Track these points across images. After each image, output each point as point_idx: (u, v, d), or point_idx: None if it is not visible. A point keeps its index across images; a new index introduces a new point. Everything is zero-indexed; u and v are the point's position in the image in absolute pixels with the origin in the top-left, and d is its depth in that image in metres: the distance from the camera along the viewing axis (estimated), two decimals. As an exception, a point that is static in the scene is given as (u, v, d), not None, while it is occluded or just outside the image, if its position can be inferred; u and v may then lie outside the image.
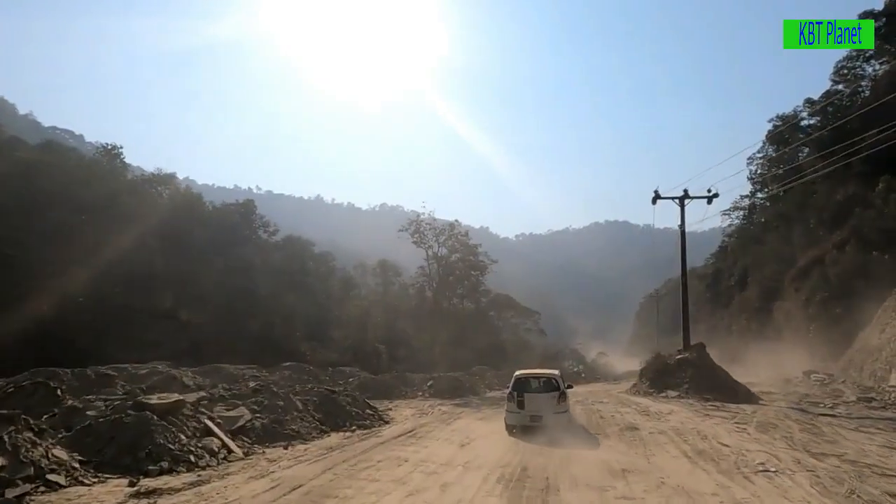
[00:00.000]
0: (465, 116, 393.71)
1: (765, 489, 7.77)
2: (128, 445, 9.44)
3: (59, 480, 7.99)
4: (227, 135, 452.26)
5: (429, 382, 29.32)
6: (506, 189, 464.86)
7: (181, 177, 63.87)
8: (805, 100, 51.37)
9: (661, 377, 22.40)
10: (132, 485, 8.30)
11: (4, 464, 7.62)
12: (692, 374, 20.67)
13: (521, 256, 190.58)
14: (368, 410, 16.87)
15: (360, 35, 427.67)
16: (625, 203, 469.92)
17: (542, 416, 13.26)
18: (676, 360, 22.77)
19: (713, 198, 28.82)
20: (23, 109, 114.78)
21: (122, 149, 39.87)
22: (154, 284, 30.16)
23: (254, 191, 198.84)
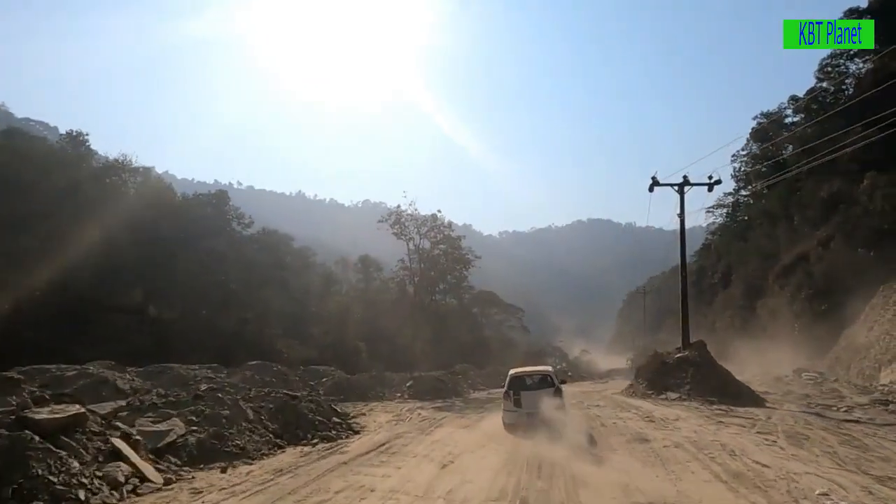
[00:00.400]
0: (450, 113, 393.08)
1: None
2: (-12, 480, 6.86)
3: None
4: (208, 131, 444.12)
5: (408, 383, 27.98)
6: (489, 186, 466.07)
7: (160, 171, 61.85)
8: (790, 97, 51.25)
9: (660, 378, 20.79)
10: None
11: None
12: (693, 375, 19.18)
13: (505, 254, 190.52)
14: (335, 418, 15.11)
15: (342, 30, 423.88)
16: (608, 201, 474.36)
17: (539, 413, 13.20)
18: (676, 360, 21.07)
19: (715, 184, 27.36)
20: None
21: (89, 136, 37.99)
22: (120, 277, 28.39)
23: (234, 186, 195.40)
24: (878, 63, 43.10)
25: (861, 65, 46.70)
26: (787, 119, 51.24)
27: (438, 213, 43.48)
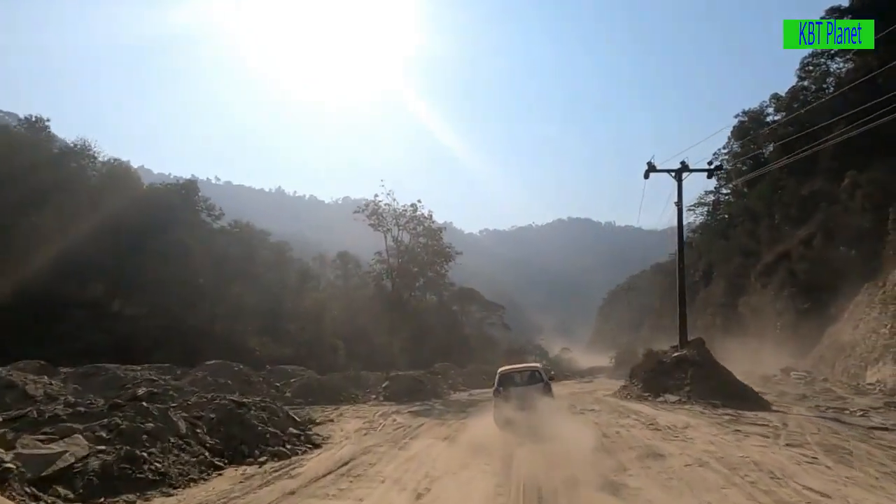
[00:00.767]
0: (431, 111, 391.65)
1: None
2: None
3: None
4: (185, 126, 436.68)
5: (384, 384, 26.26)
6: (470, 184, 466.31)
7: (136, 166, 59.51)
8: (771, 95, 51.42)
9: (657, 378, 19.28)
10: None
11: None
12: (693, 376, 17.73)
13: (485, 252, 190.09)
14: (293, 429, 12.98)
15: (327, 27, 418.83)
16: (588, 200, 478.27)
17: (531, 409, 13.23)
18: (674, 359, 19.50)
19: (716, 171, 26.28)
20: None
21: (49, 122, 35.91)
22: (80, 269, 26.49)
23: (212, 181, 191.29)
24: (859, 62, 43.37)
25: (842, 64, 46.98)
26: (769, 117, 51.36)
27: (418, 204, 40.37)
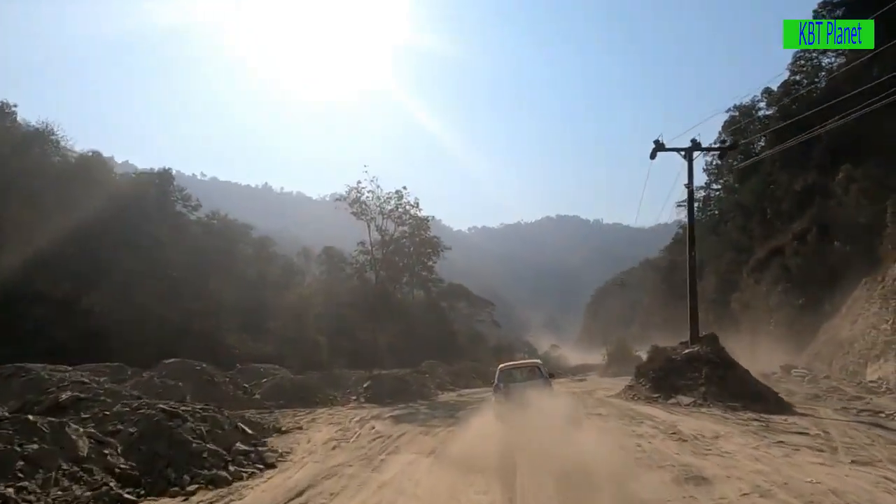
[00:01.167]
0: (420, 107, 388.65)
1: None
2: None
3: None
4: (170, 122, 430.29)
5: (365, 383, 24.20)
6: (460, 181, 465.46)
7: (119, 161, 57.65)
8: (763, 90, 50.88)
9: (667, 378, 17.61)
10: None
11: None
12: (708, 375, 16.14)
13: (474, 248, 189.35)
14: (241, 444, 10.36)
15: (316, 21, 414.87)
16: (576, 197, 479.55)
17: (530, 405, 12.83)
18: (685, 356, 17.91)
19: (729, 149, 25.03)
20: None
21: (16, 107, 34.13)
22: (46, 263, 24.83)
23: (198, 177, 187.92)
24: (851, 56, 42.97)
25: (834, 58, 46.60)
26: (761, 112, 50.85)
27: (403, 191, 37.67)
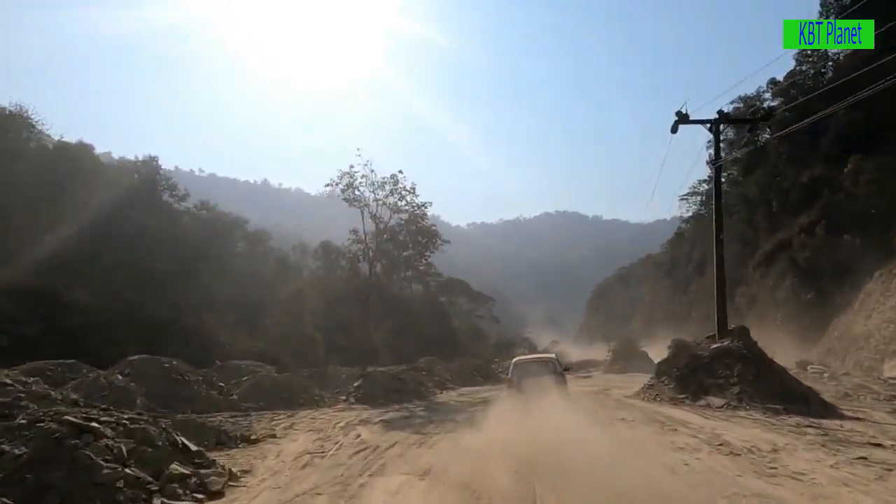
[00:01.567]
0: (420, 101, 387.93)
1: None
2: None
3: None
4: (169, 118, 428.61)
5: (356, 382, 22.24)
6: (460, 177, 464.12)
7: (116, 157, 56.42)
8: (769, 80, 49.79)
9: (694, 376, 15.74)
10: None
11: None
12: (741, 372, 14.32)
13: (473, 244, 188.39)
14: (178, 465, 7.61)
15: (308, 12, 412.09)
16: (576, 193, 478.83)
17: (545, 401, 12.54)
18: (713, 352, 16.14)
19: (761, 120, 22.56)
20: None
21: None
22: (16, 251, 23.48)
23: (196, 173, 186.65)
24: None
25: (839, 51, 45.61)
26: (766, 103, 49.77)
27: (399, 175, 34.31)
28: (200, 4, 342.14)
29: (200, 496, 7.29)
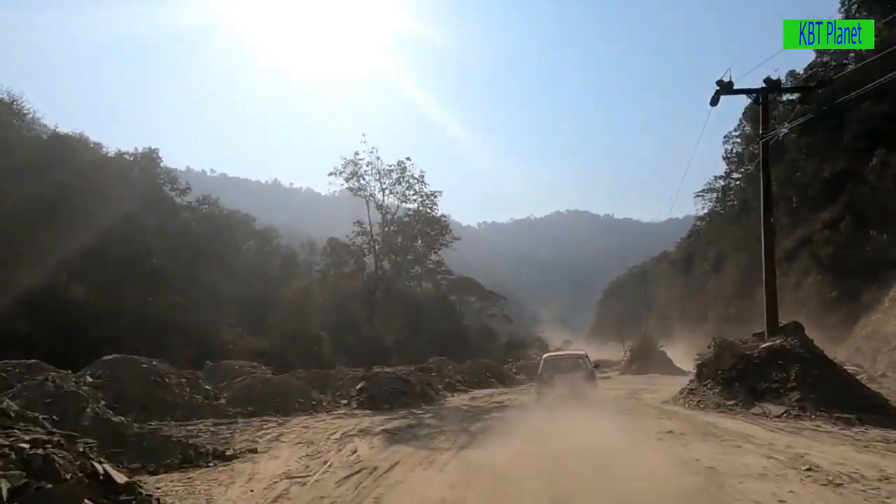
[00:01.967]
0: (428, 100, 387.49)
1: None
2: None
3: None
4: (182, 118, 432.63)
5: (359, 384, 20.57)
6: (471, 176, 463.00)
7: (114, 149, 56.30)
8: (788, 72, 48.21)
9: (743, 379, 13.92)
10: None
11: None
12: (800, 376, 12.64)
13: (484, 244, 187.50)
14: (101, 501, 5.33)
15: (320, 12, 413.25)
16: (588, 192, 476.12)
17: (574, 395, 13.35)
18: (765, 351, 14.22)
19: (816, 88, 19.47)
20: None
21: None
22: (16, 247, 22.82)
23: (207, 174, 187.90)
24: (887, 34, 40.47)
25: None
26: (785, 95, 48.40)
27: (407, 162, 31.64)
28: (205, 8, 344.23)
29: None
